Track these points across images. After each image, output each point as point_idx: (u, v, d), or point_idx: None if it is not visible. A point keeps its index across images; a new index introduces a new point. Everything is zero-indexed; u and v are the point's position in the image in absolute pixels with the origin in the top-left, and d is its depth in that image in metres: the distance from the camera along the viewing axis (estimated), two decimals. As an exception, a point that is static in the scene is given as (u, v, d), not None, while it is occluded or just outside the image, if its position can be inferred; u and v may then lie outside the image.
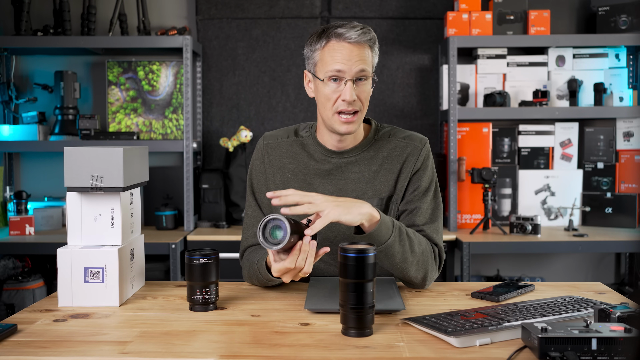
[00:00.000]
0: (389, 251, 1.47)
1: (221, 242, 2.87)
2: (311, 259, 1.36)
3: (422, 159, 1.63)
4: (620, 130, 3.21)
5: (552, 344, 1.07)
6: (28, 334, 1.27)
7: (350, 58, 1.51)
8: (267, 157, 1.68)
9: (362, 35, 1.52)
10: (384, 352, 1.15)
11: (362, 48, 1.53)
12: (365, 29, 1.54)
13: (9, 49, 3.16)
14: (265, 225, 1.33)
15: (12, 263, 2.94)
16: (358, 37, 1.52)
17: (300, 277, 1.39)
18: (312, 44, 1.57)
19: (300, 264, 1.35)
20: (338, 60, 1.51)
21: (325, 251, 1.39)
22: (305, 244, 1.35)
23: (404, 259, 1.50)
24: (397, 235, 1.48)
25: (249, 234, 1.69)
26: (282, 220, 1.32)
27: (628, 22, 3.06)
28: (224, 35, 3.36)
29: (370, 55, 1.56)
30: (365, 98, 1.55)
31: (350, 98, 1.51)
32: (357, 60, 1.52)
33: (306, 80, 1.64)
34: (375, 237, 1.44)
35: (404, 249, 1.49)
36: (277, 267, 1.37)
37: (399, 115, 3.36)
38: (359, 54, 1.52)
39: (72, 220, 1.50)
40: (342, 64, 1.51)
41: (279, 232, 1.33)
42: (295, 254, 1.35)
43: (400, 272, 1.52)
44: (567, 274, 3.36)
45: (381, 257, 1.48)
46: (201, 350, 1.17)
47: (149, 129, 3.31)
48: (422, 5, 3.35)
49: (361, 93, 1.54)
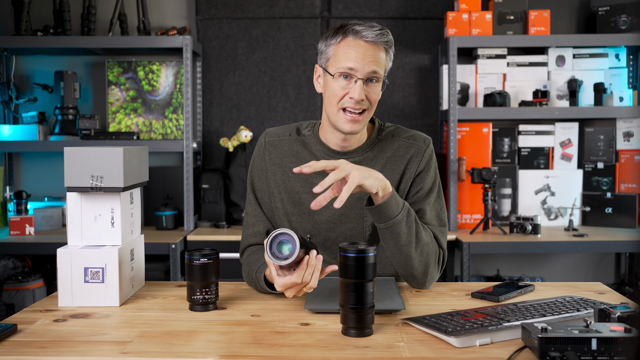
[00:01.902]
0: (395, 229, 1.47)
1: (221, 242, 2.87)
2: (317, 274, 1.34)
3: (425, 160, 1.63)
4: (620, 130, 3.21)
5: (552, 344, 1.07)
6: (28, 334, 1.27)
7: (364, 57, 1.50)
8: (268, 155, 1.67)
9: (379, 36, 1.51)
10: (384, 352, 1.15)
11: (378, 49, 1.52)
12: (384, 31, 1.53)
13: (9, 49, 3.16)
14: (272, 241, 1.32)
15: (12, 263, 2.94)
16: (375, 38, 1.50)
17: (304, 292, 1.37)
18: (328, 38, 1.56)
19: (307, 278, 1.33)
20: (352, 57, 1.50)
21: (333, 269, 1.37)
22: (312, 258, 1.33)
23: (409, 242, 1.49)
24: (405, 213, 1.48)
25: (249, 232, 1.68)
26: (290, 235, 1.30)
27: (628, 22, 3.06)
28: (224, 35, 3.36)
29: (385, 58, 1.54)
30: (374, 99, 1.55)
31: (359, 97, 1.50)
32: (371, 60, 1.51)
33: (316, 75, 1.62)
34: (385, 209, 1.44)
35: (410, 231, 1.48)
36: (282, 282, 1.34)
37: (399, 115, 3.36)
38: (373, 54, 1.51)
39: (72, 220, 1.50)
40: (355, 61, 1.50)
41: (286, 247, 1.31)
42: (303, 268, 1.33)
43: (404, 259, 1.50)
44: (567, 274, 3.36)
45: (387, 236, 1.48)
46: (201, 350, 1.17)
47: (149, 129, 3.31)
48: (422, 5, 3.35)
49: (370, 94, 1.53)
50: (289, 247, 1.31)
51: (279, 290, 1.37)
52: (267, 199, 1.67)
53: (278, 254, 1.31)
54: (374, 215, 1.48)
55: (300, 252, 1.31)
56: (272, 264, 1.34)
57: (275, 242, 1.32)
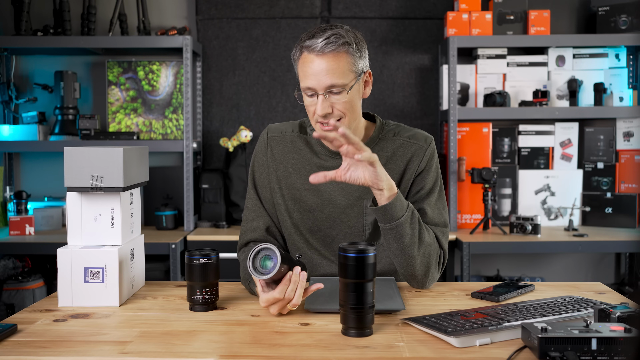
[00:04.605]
0: (399, 230, 1.46)
1: (221, 242, 2.87)
2: (301, 291, 1.32)
3: (426, 159, 1.62)
4: (620, 130, 3.21)
5: (552, 344, 1.07)
6: (28, 334, 1.27)
7: (318, 73, 1.45)
8: (270, 151, 1.67)
9: (329, 45, 1.44)
10: (384, 352, 1.15)
11: (332, 58, 1.45)
12: (335, 36, 1.45)
13: (9, 49, 3.16)
14: (256, 255, 1.33)
15: (12, 263, 2.94)
16: (324, 47, 1.44)
17: (289, 309, 1.36)
18: (294, 54, 1.53)
19: (289, 294, 1.32)
20: (308, 75, 1.47)
21: (319, 287, 1.36)
22: (295, 275, 1.33)
23: (412, 244, 1.48)
24: (409, 215, 1.47)
25: (248, 227, 1.67)
26: (272, 250, 1.31)
27: (628, 22, 3.06)
28: (224, 35, 3.36)
29: (347, 62, 1.47)
30: (344, 107, 1.49)
31: (321, 112, 1.48)
32: (325, 75, 1.45)
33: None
34: (390, 210, 1.44)
35: (414, 232, 1.48)
36: (265, 298, 1.34)
37: (399, 115, 3.36)
38: (327, 67, 1.45)
39: (72, 220, 1.50)
40: (310, 79, 1.47)
41: (269, 262, 1.32)
42: (285, 284, 1.32)
43: (406, 259, 1.50)
44: (567, 274, 3.36)
45: (390, 237, 1.47)
46: (201, 350, 1.17)
47: (149, 129, 3.31)
48: (422, 5, 3.35)
49: (336, 104, 1.49)
50: (271, 263, 1.31)
51: (262, 306, 1.36)
52: (268, 194, 1.67)
53: (260, 269, 1.32)
54: (379, 215, 1.47)
55: (283, 267, 1.32)
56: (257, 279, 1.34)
57: (259, 257, 1.33)
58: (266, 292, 1.34)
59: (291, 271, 1.34)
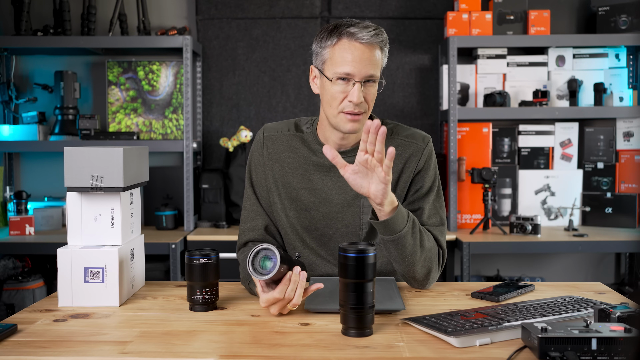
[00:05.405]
0: (401, 242, 1.46)
1: (221, 242, 2.87)
2: (301, 290, 1.33)
3: (424, 159, 1.62)
4: (620, 130, 3.21)
5: (552, 344, 1.07)
6: (28, 334, 1.27)
7: (361, 60, 1.48)
8: (267, 150, 1.67)
9: (374, 36, 1.49)
10: (384, 352, 1.15)
11: (373, 50, 1.50)
12: (378, 30, 1.51)
13: (9, 49, 3.16)
14: (256, 255, 1.33)
15: (12, 263, 2.94)
16: (370, 39, 1.49)
17: (289, 309, 1.36)
18: (322, 40, 1.53)
19: (289, 294, 1.32)
20: (348, 61, 1.49)
21: (319, 287, 1.36)
22: (295, 274, 1.33)
23: (414, 252, 1.48)
24: (410, 226, 1.46)
25: (246, 227, 1.67)
26: (272, 250, 1.31)
27: (628, 22, 3.06)
28: (224, 35, 3.36)
29: (381, 57, 1.52)
30: (372, 100, 1.53)
31: (358, 100, 1.49)
32: (368, 63, 1.49)
33: (312, 76, 1.61)
34: (391, 224, 1.43)
35: (415, 242, 1.48)
36: (265, 298, 1.34)
37: (399, 115, 3.36)
38: (369, 56, 1.49)
39: (72, 220, 1.50)
40: (352, 66, 1.48)
41: (268, 263, 1.32)
42: (285, 284, 1.32)
43: (407, 265, 1.50)
44: (567, 274, 3.36)
45: (392, 247, 1.47)
46: (201, 350, 1.17)
47: (149, 129, 3.31)
48: (422, 5, 3.35)
49: (368, 95, 1.52)
50: (271, 263, 1.31)
51: (262, 306, 1.36)
52: (265, 193, 1.67)
53: (260, 269, 1.32)
54: (379, 228, 1.46)
55: (283, 268, 1.32)
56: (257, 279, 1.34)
57: (258, 257, 1.33)
58: (266, 292, 1.35)
59: (291, 271, 1.34)
